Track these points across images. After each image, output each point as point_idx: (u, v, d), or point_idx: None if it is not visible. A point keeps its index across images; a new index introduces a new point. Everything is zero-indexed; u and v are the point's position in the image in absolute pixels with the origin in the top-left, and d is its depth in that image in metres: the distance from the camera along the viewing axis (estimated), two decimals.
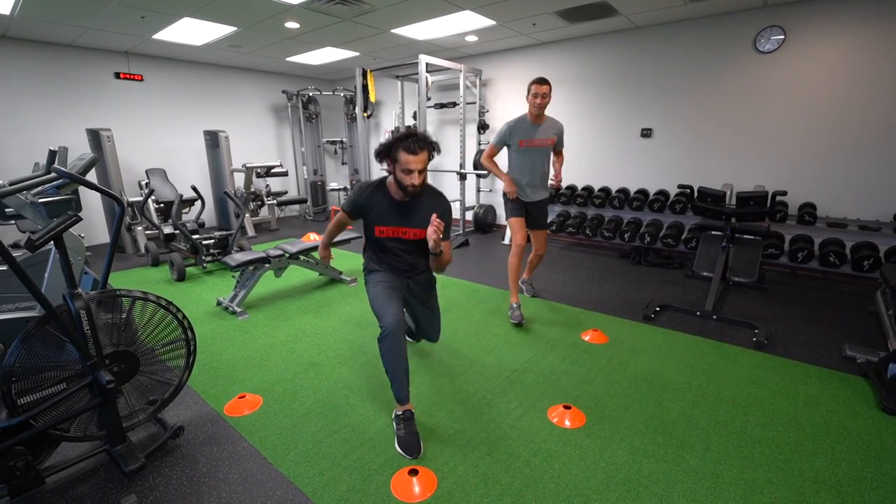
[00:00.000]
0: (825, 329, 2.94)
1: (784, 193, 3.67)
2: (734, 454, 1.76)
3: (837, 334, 2.86)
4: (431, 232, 1.81)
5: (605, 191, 5.07)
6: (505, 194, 3.09)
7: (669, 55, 4.59)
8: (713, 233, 3.67)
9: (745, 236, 3.50)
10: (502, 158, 3.16)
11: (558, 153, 3.15)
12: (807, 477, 1.64)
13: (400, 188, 1.88)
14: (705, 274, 3.59)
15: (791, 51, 3.96)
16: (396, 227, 1.98)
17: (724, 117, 4.40)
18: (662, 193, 4.69)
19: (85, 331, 1.52)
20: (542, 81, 2.80)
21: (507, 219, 3.14)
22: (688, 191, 4.17)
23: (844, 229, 3.79)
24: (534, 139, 2.94)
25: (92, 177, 4.98)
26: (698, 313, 3.14)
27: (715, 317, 3.08)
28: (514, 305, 3.04)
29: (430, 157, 1.86)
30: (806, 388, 2.23)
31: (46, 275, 2.12)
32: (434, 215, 1.81)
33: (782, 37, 3.97)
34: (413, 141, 1.79)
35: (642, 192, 4.81)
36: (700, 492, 1.57)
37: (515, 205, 3.08)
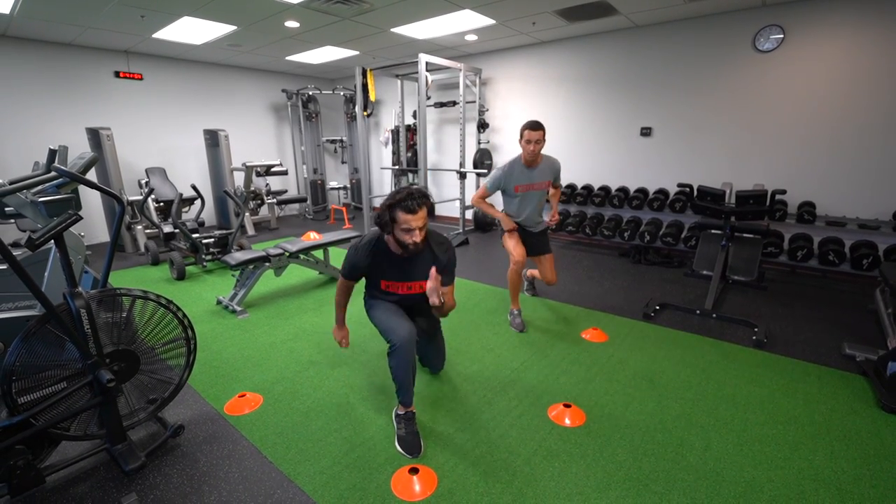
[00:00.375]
0: (824, 327, 2.95)
1: (783, 192, 3.66)
2: (734, 452, 1.77)
3: (837, 333, 2.86)
4: (431, 289, 1.75)
5: (605, 189, 5.07)
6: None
7: (669, 54, 4.59)
8: (713, 231, 3.68)
9: (745, 235, 3.50)
10: (496, 199, 2.99)
11: (555, 187, 2.99)
12: (806, 475, 1.65)
13: (400, 246, 1.83)
14: (705, 272, 3.60)
15: (790, 50, 3.96)
16: (401, 282, 1.95)
17: (724, 116, 4.40)
18: (662, 192, 4.69)
19: (85, 329, 1.53)
20: (534, 127, 2.59)
21: (501, 237, 2.95)
22: (687, 189, 4.17)
23: (843, 228, 3.80)
24: (530, 184, 2.78)
25: (92, 176, 4.97)
26: (698, 312, 3.14)
27: (714, 315, 3.08)
28: (515, 312, 2.99)
29: (429, 213, 1.80)
30: (805, 387, 2.23)
31: (46, 274, 2.11)
32: (433, 269, 1.75)
33: (781, 36, 3.97)
34: (411, 200, 1.72)
35: (642, 191, 4.81)
36: (700, 490, 1.58)
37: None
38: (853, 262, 3.54)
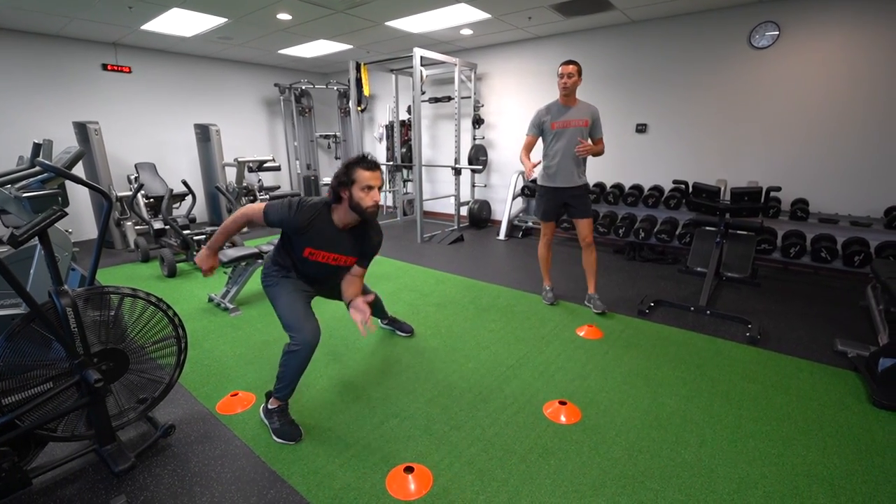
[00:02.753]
0: (817, 324, 2.97)
1: (778, 189, 3.68)
2: (728, 448, 1.77)
3: (829, 329, 2.88)
4: (360, 320, 1.86)
5: (600, 186, 5.06)
6: (536, 185, 3.14)
7: (664, 50, 4.58)
8: (707, 228, 3.69)
9: (739, 232, 3.52)
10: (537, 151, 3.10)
11: (597, 141, 3.01)
12: (799, 471, 1.66)
13: (357, 212, 1.79)
14: (699, 269, 3.62)
15: (785, 47, 3.97)
16: (329, 253, 1.89)
17: (719, 113, 4.40)
18: (657, 189, 4.69)
19: (72, 328, 1.49)
20: (568, 63, 2.82)
21: (539, 217, 3.17)
22: (682, 186, 4.17)
23: (836, 225, 3.82)
24: (566, 121, 2.90)
25: (80, 171, 4.88)
26: (692, 308, 3.15)
27: (709, 312, 3.09)
28: (547, 288, 3.36)
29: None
30: (798, 383, 2.25)
31: (32, 271, 2.06)
32: (361, 301, 1.90)
33: (777, 32, 3.98)
34: (368, 160, 1.77)
35: (637, 188, 4.81)
36: (695, 486, 1.58)
37: (550, 205, 3.05)
38: (845, 259, 3.57)
